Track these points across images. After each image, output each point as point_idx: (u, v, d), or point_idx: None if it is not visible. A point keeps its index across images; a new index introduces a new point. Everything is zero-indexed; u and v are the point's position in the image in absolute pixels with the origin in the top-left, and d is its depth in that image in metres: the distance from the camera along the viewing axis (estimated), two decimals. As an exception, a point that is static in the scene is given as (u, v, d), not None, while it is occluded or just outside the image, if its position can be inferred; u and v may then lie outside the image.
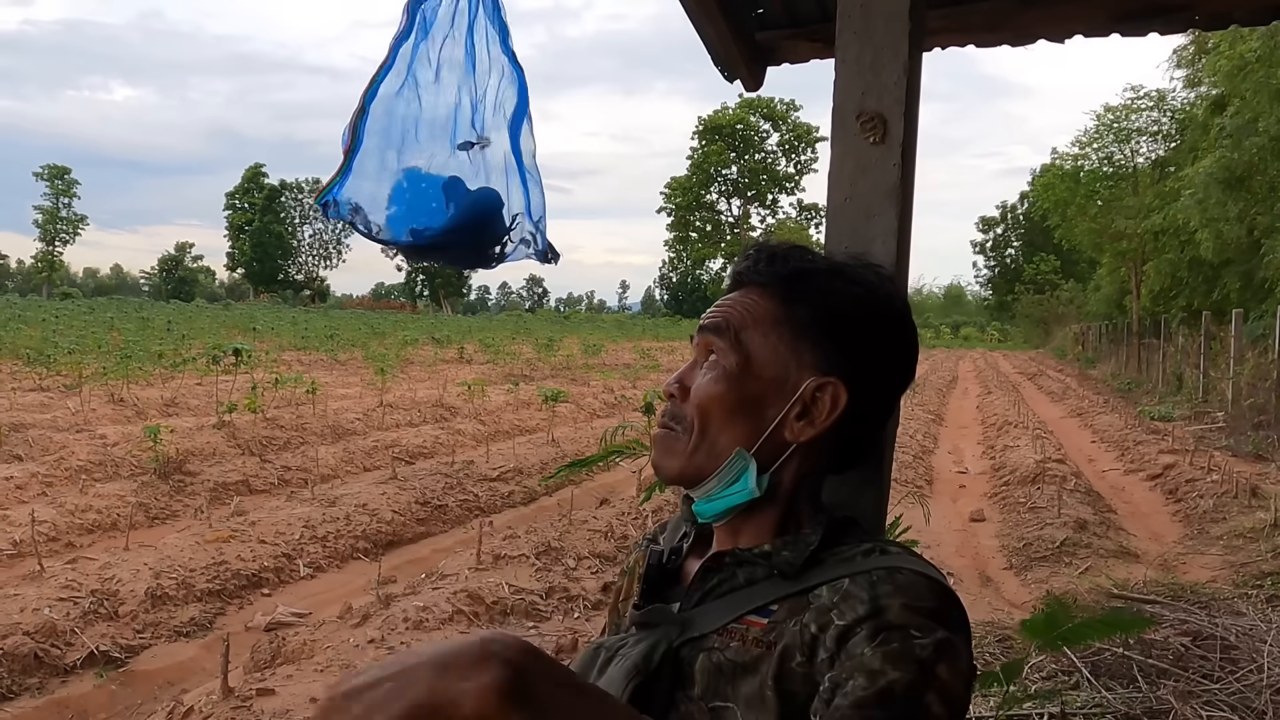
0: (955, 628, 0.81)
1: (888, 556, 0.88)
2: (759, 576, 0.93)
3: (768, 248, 1.02)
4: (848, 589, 0.84)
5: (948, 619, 0.82)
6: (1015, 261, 72.67)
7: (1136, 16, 2.07)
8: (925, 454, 10.57)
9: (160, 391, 12.37)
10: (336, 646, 3.76)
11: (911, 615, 0.80)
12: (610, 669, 0.91)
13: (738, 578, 0.93)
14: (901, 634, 0.78)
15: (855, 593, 0.83)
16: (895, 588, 0.82)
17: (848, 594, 0.84)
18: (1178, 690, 3.52)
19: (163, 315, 38.93)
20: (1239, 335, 14.93)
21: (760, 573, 0.93)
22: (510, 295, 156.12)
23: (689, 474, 0.97)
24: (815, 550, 0.92)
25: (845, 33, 1.24)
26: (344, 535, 6.16)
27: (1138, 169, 28.63)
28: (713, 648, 0.89)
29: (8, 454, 7.85)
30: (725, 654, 0.88)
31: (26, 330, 22.63)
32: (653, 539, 1.15)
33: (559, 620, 4.46)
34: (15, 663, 3.87)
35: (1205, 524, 6.92)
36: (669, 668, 0.89)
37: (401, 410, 11.83)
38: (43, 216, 76.40)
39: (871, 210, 1.23)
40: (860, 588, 0.83)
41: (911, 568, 0.86)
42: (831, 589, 0.86)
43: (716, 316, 0.99)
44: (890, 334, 0.99)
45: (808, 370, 0.95)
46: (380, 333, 32.26)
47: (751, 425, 0.95)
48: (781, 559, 0.92)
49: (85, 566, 4.89)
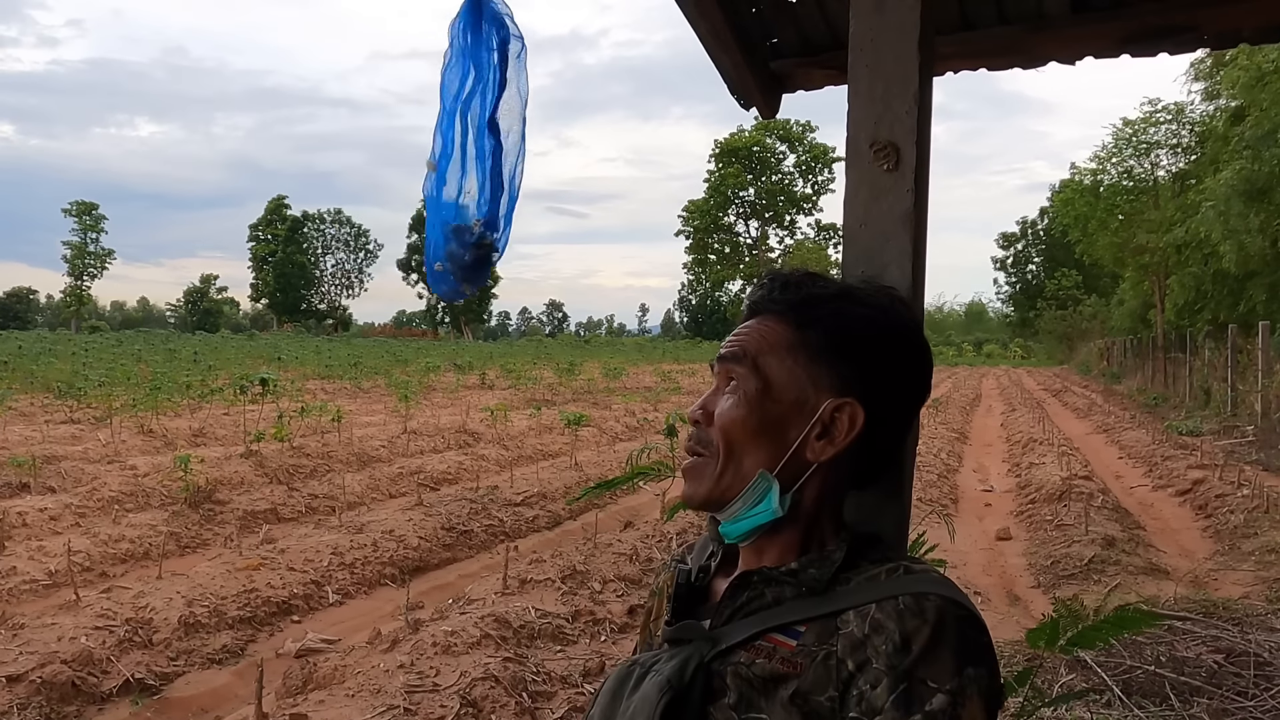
0: (978, 659, 0.85)
1: (912, 577, 0.91)
2: (786, 595, 0.96)
3: (780, 276, 1.06)
4: (876, 618, 0.87)
5: (972, 651, 0.85)
6: (1037, 277, 72.17)
7: (1145, 38, 2.11)
8: (950, 473, 10.50)
9: (188, 422, 12.54)
10: (367, 671, 3.80)
11: (933, 657, 0.83)
12: (644, 684, 0.94)
13: (766, 596, 0.96)
14: (922, 689, 0.82)
15: (884, 624, 0.86)
16: (922, 621, 0.85)
17: (877, 625, 0.86)
18: (1211, 708, 3.49)
19: (189, 346, 39.49)
20: (1266, 347, 14.76)
21: (788, 591, 0.96)
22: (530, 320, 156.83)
23: (716, 497, 1.01)
24: (840, 568, 0.96)
25: (857, 65, 1.29)
26: (371, 562, 6.22)
27: (1158, 182, 28.47)
28: (739, 662, 0.92)
29: (42, 486, 7.99)
30: (752, 669, 0.90)
31: (57, 364, 23.04)
32: (680, 559, 1.17)
33: (586, 644, 4.48)
34: (54, 691, 3.93)
35: (1236, 539, 6.83)
36: (700, 682, 0.92)
37: (425, 437, 11.92)
38: (71, 251, 77.78)
39: (886, 235, 1.27)
40: (889, 617, 0.86)
41: (938, 592, 0.88)
42: (859, 616, 0.88)
43: (734, 345, 1.03)
44: (903, 352, 1.02)
45: (825, 392, 0.99)
46: (403, 360, 32.53)
47: (774, 447, 0.99)
48: (808, 576, 0.95)
49: (119, 595, 4.97)
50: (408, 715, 3.31)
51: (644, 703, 0.92)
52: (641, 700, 0.92)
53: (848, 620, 0.89)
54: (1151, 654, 4.06)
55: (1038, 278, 71.74)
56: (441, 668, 3.73)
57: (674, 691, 0.91)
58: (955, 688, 0.82)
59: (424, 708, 3.37)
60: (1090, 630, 1.82)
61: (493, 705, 3.48)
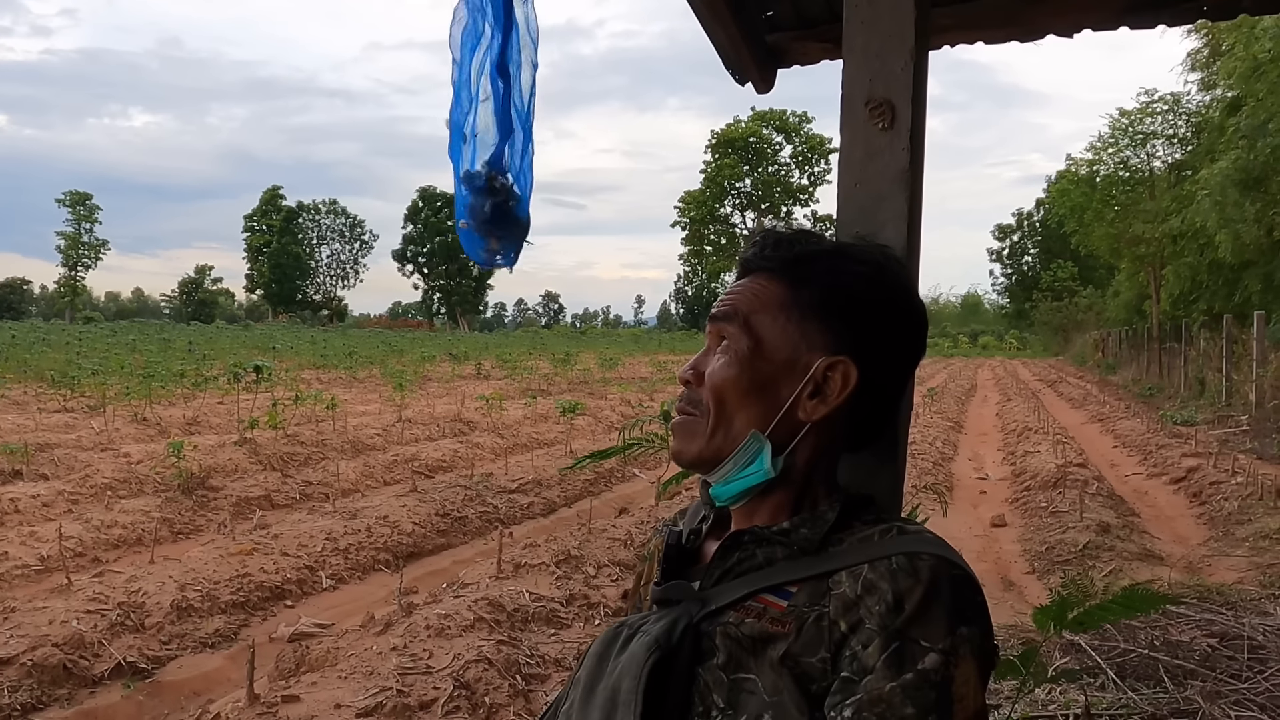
0: (971, 619, 0.83)
1: (906, 537, 0.89)
2: (778, 555, 0.94)
3: (773, 234, 1.04)
4: (869, 578, 0.85)
5: (964, 610, 0.83)
6: (1032, 269, 72.25)
7: (1144, 8, 2.09)
8: (945, 461, 10.51)
9: (182, 411, 12.49)
10: (360, 654, 3.78)
11: (925, 616, 0.81)
12: (631, 644, 0.93)
13: (757, 556, 0.95)
14: (914, 648, 0.80)
15: (877, 584, 0.84)
16: (915, 581, 0.83)
17: (870, 585, 0.84)
18: (1205, 690, 3.48)
19: (183, 337, 39.39)
20: (1261, 338, 14.77)
21: (779, 551, 0.94)
22: (526, 311, 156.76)
23: (707, 457, 0.99)
24: (833, 528, 0.94)
25: (852, 21, 1.27)
26: (365, 547, 6.20)
27: (1154, 173, 28.48)
28: (728, 622, 0.90)
29: (35, 473, 7.96)
30: (741, 629, 0.89)
31: (51, 353, 22.96)
32: (672, 523, 1.16)
33: (580, 627, 4.47)
34: (45, 674, 3.92)
35: (1230, 526, 6.85)
36: (689, 642, 0.90)
37: (420, 425, 11.89)
38: (65, 242, 77.52)
39: (881, 195, 1.25)
40: (882, 577, 0.84)
41: (931, 551, 0.86)
42: (852, 576, 0.87)
43: (726, 304, 1.01)
44: (897, 311, 1.01)
45: (818, 350, 0.97)
46: (398, 350, 32.47)
47: (765, 407, 0.97)
48: (800, 536, 0.93)
49: (112, 580, 4.94)
50: (400, 697, 3.29)
51: (631, 662, 0.90)
52: (629, 660, 0.91)
53: (840, 581, 0.87)
54: (1145, 638, 4.06)
55: (1033, 269, 71.82)
56: (435, 650, 3.72)
57: (661, 651, 0.89)
58: (948, 646, 0.80)
59: (417, 689, 3.36)
60: (1098, 610, 1.80)
61: (486, 687, 3.47)
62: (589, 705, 0.92)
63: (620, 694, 0.88)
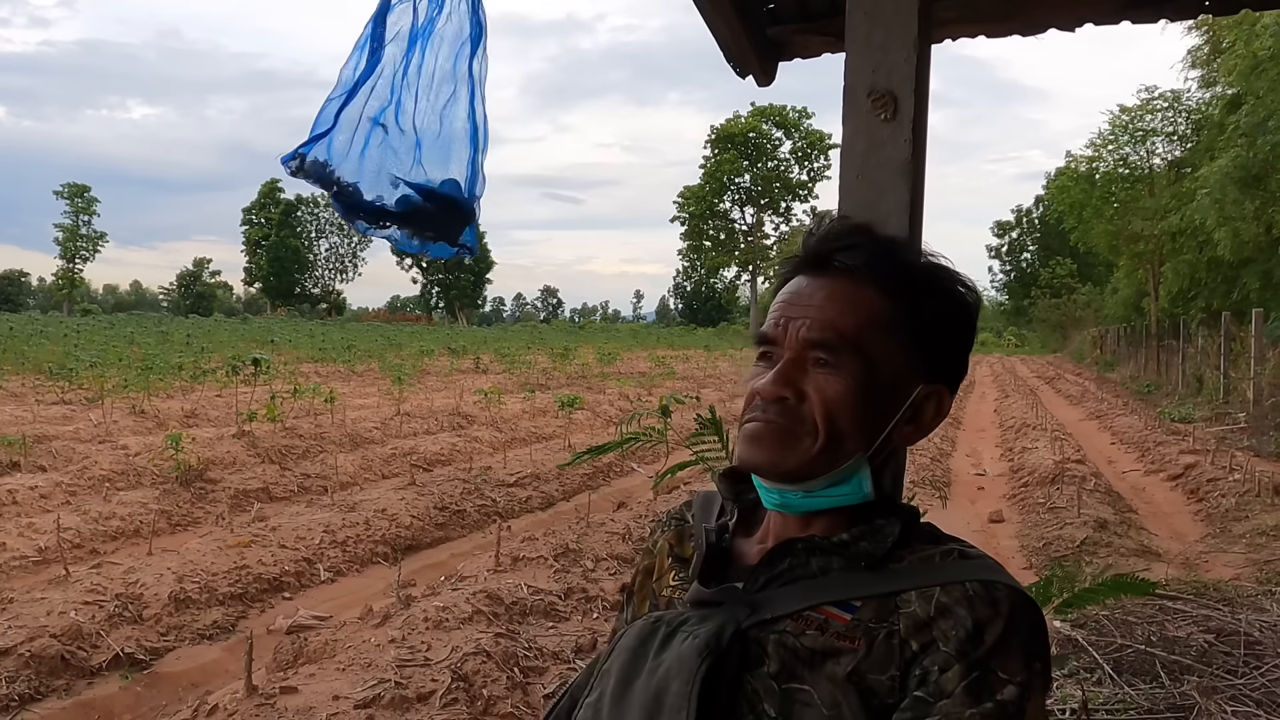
0: (1043, 654, 0.85)
1: (971, 563, 0.90)
2: (833, 566, 0.92)
3: (868, 236, 0.98)
4: (942, 601, 0.85)
5: (1038, 645, 0.85)
6: (1031, 266, 72.22)
7: (1146, 2, 2.08)
8: (943, 457, 10.52)
9: (180, 403, 12.49)
10: (358, 646, 3.79)
11: (1005, 648, 0.83)
12: (678, 646, 0.90)
13: (810, 565, 0.93)
14: (994, 679, 0.81)
15: (953, 609, 0.84)
16: (995, 612, 0.84)
17: (944, 609, 0.85)
18: (1201, 686, 3.49)
19: (182, 330, 39.33)
20: (1259, 335, 14.79)
21: (835, 563, 0.92)
22: (525, 306, 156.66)
23: (803, 472, 0.94)
24: (893, 545, 0.93)
25: (855, 12, 1.26)
26: (363, 540, 6.20)
27: (1154, 170, 28.46)
28: (785, 631, 0.89)
29: (33, 464, 7.95)
30: (801, 640, 0.87)
31: (49, 345, 22.93)
32: (679, 518, 1.13)
33: (578, 620, 4.47)
34: (42, 665, 3.92)
35: (1228, 523, 6.86)
36: (737, 648, 0.89)
37: (419, 419, 11.89)
38: (63, 234, 77.21)
39: (884, 186, 1.25)
40: (958, 603, 0.85)
41: (1005, 582, 0.87)
42: (922, 597, 0.86)
43: (828, 330, 0.94)
44: (971, 342, 1.01)
45: (919, 376, 0.95)
46: (396, 344, 32.43)
47: (873, 430, 0.95)
48: (860, 549, 0.92)
49: (110, 571, 4.94)
50: (398, 689, 3.30)
51: (681, 666, 0.88)
52: (678, 663, 0.88)
53: (909, 600, 0.87)
54: (1142, 633, 4.07)
55: (1032, 266, 71.80)
56: (433, 642, 3.72)
57: (713, 657, 0.87)
58: (1025, 680, 0.82)
59: (415, 681, 3.36)
60: (1086, 592, 1.80)
61: (484, 679, 3.47)
62: (625, 701, 0.90)
63: (668, 696, 0.86)
